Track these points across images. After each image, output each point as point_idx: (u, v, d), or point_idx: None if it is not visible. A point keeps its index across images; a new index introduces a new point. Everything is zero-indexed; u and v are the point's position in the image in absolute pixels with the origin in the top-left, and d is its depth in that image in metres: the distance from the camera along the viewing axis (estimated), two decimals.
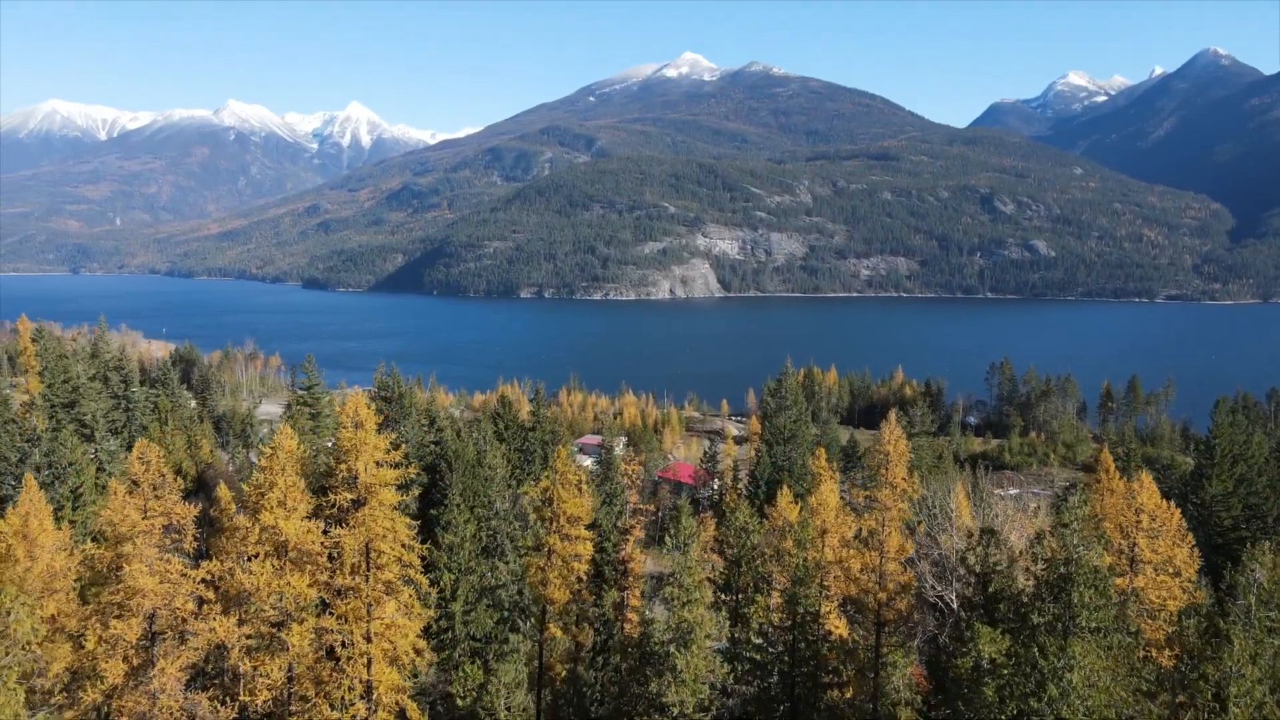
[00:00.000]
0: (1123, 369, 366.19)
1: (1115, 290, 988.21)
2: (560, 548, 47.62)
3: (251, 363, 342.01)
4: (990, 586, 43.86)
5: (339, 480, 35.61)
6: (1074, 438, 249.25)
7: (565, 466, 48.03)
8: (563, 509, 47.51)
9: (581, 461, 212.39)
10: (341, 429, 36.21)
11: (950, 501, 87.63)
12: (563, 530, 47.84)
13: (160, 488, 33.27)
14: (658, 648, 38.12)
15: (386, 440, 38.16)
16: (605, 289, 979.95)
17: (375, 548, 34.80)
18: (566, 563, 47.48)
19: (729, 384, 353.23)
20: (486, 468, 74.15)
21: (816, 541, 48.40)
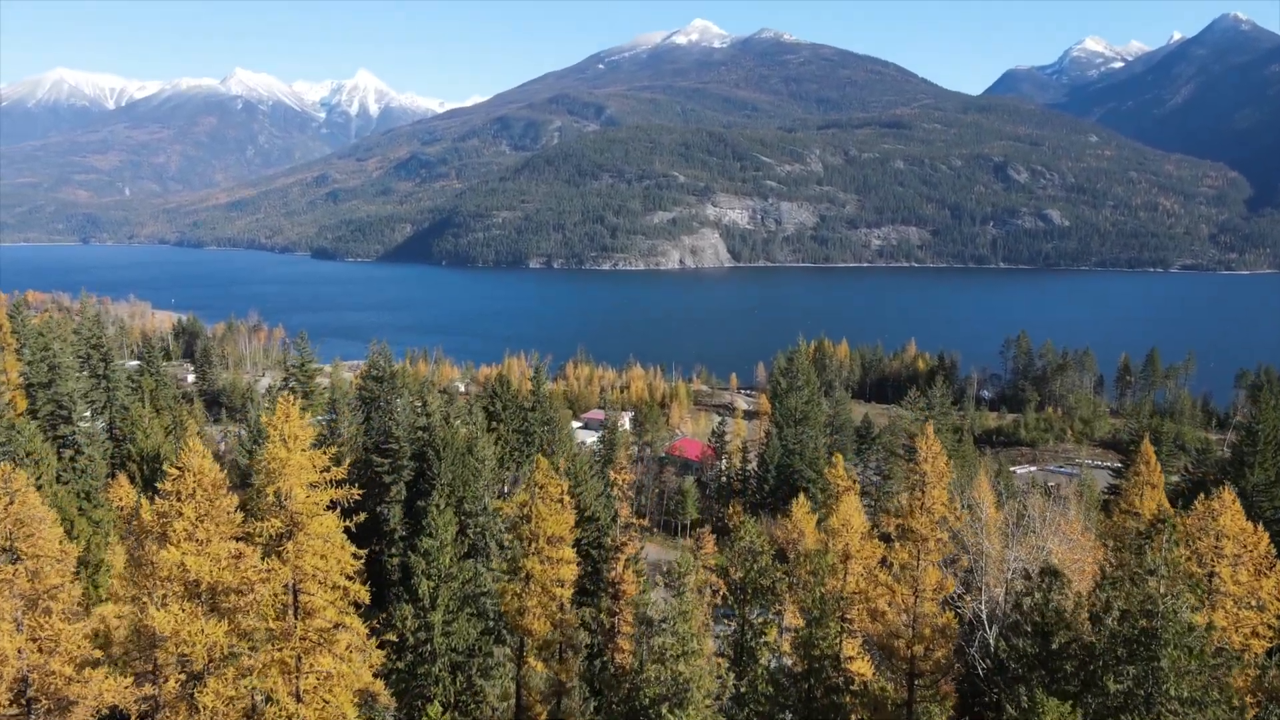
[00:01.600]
0: (1139, 341, 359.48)
1: (1130, 260, 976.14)
2: (540, 572, 42.13)
3: (255, 335, 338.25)
4: (1054, 642, 37.47)
5: (265, 505, 30.63)
6: (1092, 413, 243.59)
7: (546, 478, 42.71)
8: (542, 528, 42.11)
9: (586, 437, 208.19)
10: (268, 443, 31.25)
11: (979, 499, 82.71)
12: (542, 552, 42.47)
13: (31, 523, 27.98)
14: (648, 706, 33.31)
15: (324, 456, 33.10)
16: (614, 259, 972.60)
17: (305, 589, 29.83)
18: (547, 589, 42.33)
19: (738, 356, 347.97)
20: (475, 459, 69.44)
21: (837, 568, 42.95)
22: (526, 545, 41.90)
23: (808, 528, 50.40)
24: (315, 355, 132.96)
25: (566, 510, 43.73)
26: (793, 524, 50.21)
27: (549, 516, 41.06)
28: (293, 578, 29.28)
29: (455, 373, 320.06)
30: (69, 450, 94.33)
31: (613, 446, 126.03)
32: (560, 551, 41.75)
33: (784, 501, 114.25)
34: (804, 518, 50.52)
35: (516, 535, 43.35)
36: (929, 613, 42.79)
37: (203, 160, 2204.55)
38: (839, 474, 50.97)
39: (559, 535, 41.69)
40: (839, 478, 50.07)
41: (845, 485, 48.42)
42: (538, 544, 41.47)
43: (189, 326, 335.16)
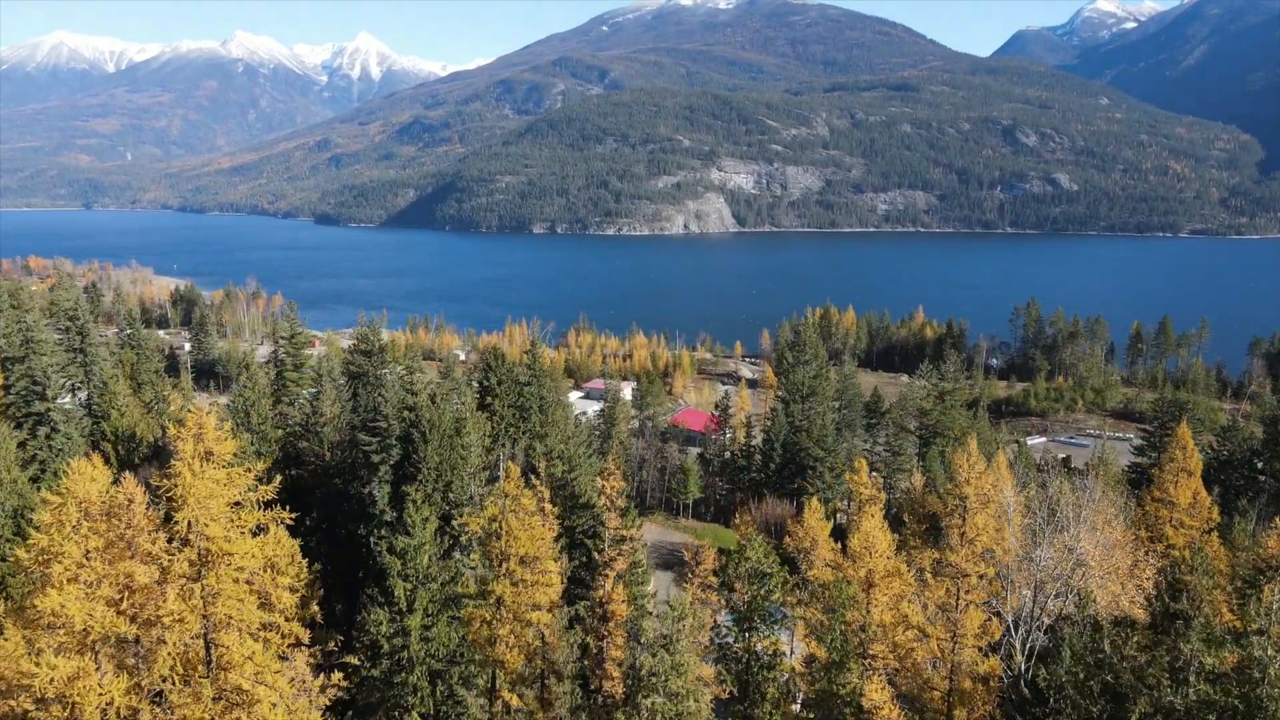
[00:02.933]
0: (1150, 307, 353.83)
1: (1138, 225, 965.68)
2: (511, 597, 37.14)
3: (254, 302, 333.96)
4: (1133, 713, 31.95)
5: (174, 536, 26.07)
6: (1103, 382, 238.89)
7: (517, 489, 37.90)
8: (514, 547, 37.23)
9: (588, 408, 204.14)
10: (175, 462, 26.79)
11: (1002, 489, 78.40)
12: (514, 574, 37.46)
13: None
14: None
15: (247, 475, 28.71)
16: (618, 224, 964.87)
17: (219, 639, 25.32)
18: (520, 616, 37.66)
19: (743, 324, 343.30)
20: (462, 446, 65.19)
21: (859, 598, 38.19)
22: (496, 566, 37.19)
23: (821, 535, 45.95)
24: (305, 325, 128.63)
25: (546, 522, 39.39)
26: (804, 531, 45.72)
27: (522, 534, 36.23)
28: (203, 626, 24.99)
29: (456, 341, 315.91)
30: (44, 428, 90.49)
31: (613, 421, 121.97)
32: (536, 573, 36.79)
33: (790, 480, 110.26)
34: (817, 524, 45.95)
35: (485, 554, 38.66)
36: (968, 660, 36.40)
37: (204, 124, 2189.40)
38: (862, 481, 46.56)
39: (534, 555, 37.00)
40: (862, 485, 45.67)
41: (868, 494, 44.06)
42: (509, 565, 36.75)
43: (186, 294, 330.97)
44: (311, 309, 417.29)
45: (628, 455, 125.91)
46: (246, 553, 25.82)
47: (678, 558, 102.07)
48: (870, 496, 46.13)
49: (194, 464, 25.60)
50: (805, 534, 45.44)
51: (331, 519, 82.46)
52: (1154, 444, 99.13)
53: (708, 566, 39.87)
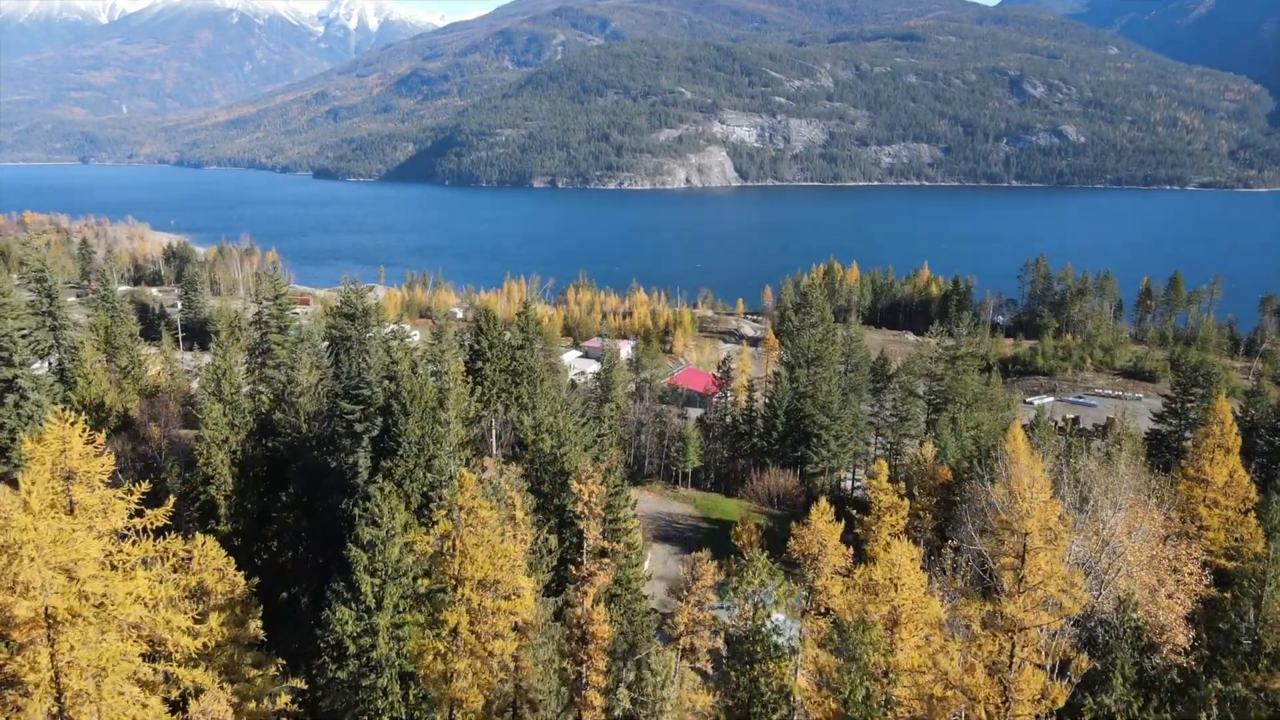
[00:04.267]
0: (1158, 262, 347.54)
1: (1145, 178, 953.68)
2: (468, 628, 31.69)
3: (248, 259, 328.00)
4: None
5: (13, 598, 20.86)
6: (1112, 340, 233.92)
7: (474, 499, 32.73)
8: (471, 570, 31.64)
9: (586, 367, 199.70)
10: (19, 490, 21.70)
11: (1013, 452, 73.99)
12: (471, 602, 32.03)
13: None
14: None
15: (122, 503, 23.86)
16: (620, 178, 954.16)
17: (77, 715, 20.75)
18: (479, 650, 32.14)
19: (745, 280, 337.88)
20: (441, 424, 60.80)
21: (879, 642, 31.91)
22: (451, 592, 32.37)
23: (830, 539, 41.53)
24: (299, 283, 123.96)
25: (517, 532, 34.97)
26: (811, 534, 41.27)
27: (480, 554, 31.33)
28: (46, 709, 20.39)
29: (453, 298, 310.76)
30: (13, 396, 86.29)
31: (609, 385, 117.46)
32: (498, 599, 32.04)
33: (793, 449, 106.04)
34: (825, 527, 41.45)
35: (437, 576, 33.72)
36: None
37: (200, 77, 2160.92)
38: (881, 486, 41.74)
39: (495, 578, 32.14)
40: (881, 491, 40.87)
41: (889, 500, 39.44)
42: (464, 590, 32.14)
43: (179, 250, 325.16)
44: (309, 265, 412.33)
45: (625, 419, 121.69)
46: (125, 596, 21.29)
47: (676, 529, 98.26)
48: (891, 504, 41.37)
49: (41, 495, 20.93)
50: (812, 537, 40.98)
51: (311, 493, 78.49)
52: (1175, 410, 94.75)
53: (706, 583, 35.57)
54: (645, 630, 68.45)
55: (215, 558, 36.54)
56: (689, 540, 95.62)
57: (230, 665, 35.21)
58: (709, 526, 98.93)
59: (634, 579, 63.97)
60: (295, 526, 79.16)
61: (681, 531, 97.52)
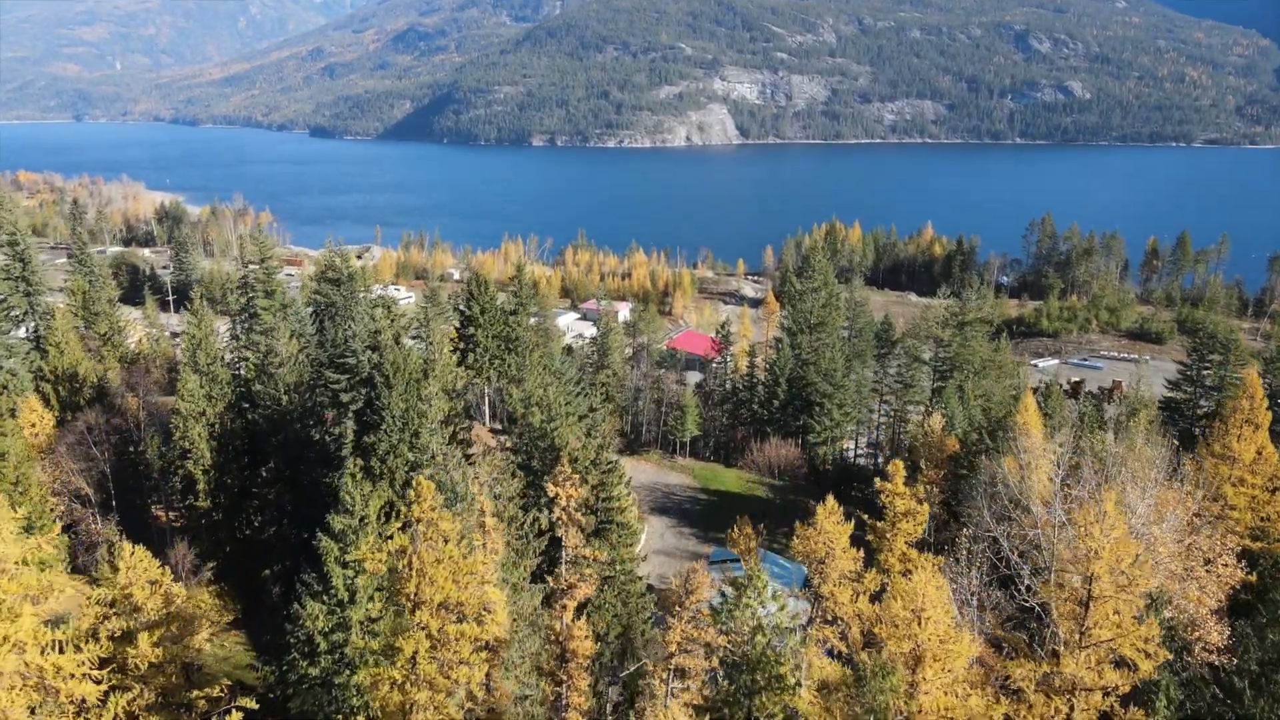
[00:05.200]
0: (1164, 221, 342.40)
1: (1151, 134, 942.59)
2: (427, 656, 27.69)
3: (241, 219, 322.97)
4: None
5: None
6: (1118, 301, 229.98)
7: (433, 509, 29.32)
8: (430, 593, 27.65)
9: (584, 330, 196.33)
10: None
11: (1025, 425, 70.83)
12: (429, 627, 27.95)
13: None
14: None
15: None
16: (620, 136, 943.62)
17: None
18: (440, 682, 28.09)
19: (745, 239, 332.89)
20: (423, 400, 57.55)
21: (899, 685, 27.37)
22: (408, 615, 29.00)
23: (838, 541, 38.30)
24: (292, 244, 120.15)
25: (488, 540, 31.69)
26: (817, 534, 38.04)
27: (439, 574, 27.81)
28: None
29: (450, 259, 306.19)
30: None
31: (605, 351, 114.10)
32: (463, 623, 28.71)
33: (795, 418, 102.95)
34: (834, 529, 38.19)
35: (392, 598, 30.12)
36: None
37: (193, 32, 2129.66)
38: (897, 489, 38.24)
39: (458, 600, 28.75)
40: (897, 494, 37.36)
41: (905, 506, 36.06)
42: (423, 615, 28.89)
43: (172, 210, 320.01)
44: (305, 225, 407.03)
45: (622, 386, 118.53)
46: None
47: (674, 501, 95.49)
48: (907, 510, 38.00)
49: None
50: (819, 540, 37.77)
51: (293, 466, 75.52)
52: (1191, 378, 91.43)
53: (701, 597, 32.43)
54: (641, 612, 65.99)
55: (146, 569, 33.41)
56: (687, 513, 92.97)
57: (169, 688, 32.27)
58: (708, 498, 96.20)
59: (628, 559, 61.25)
60: (278, 501, 76.40)
61: (679, 503, 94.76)
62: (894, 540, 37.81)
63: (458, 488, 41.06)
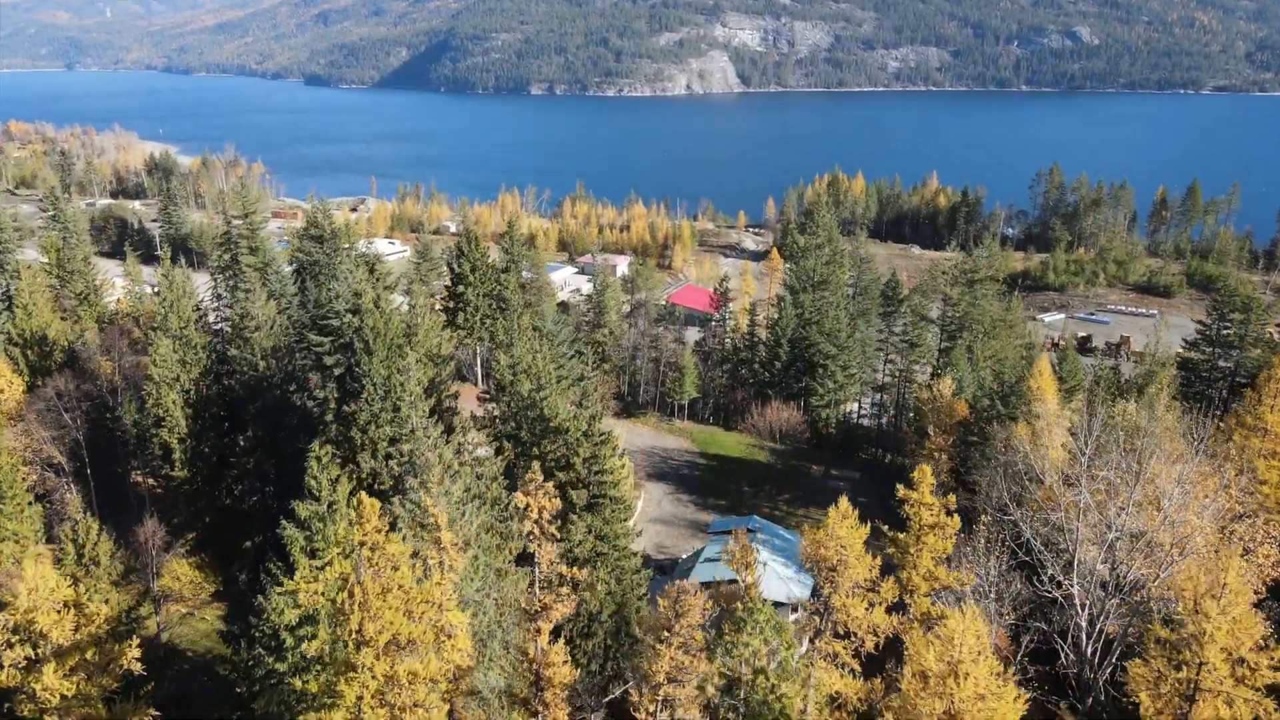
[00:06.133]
0: (1172, 170, 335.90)
1: (1159, 81, 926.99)
2: (374, 705, 24.10)
3: (232, 170, 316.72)
4: None
5: None
6: (1126, 254, 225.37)
7: (378, 532, 25.26)
8: (374, 629, 23.92)
9: (582, 284, 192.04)
10: None
11: (1040, 389, 67.43)
12: (375, 669, 24.17)
13: None
14: None
15: None
16: (619, 84, 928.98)
17: None
18: (397, 717, 24.47)
19: (747, 191, 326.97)
20: (400, 372, 53.99)
21: None
22: (353, 652, 25.24)
23: (852, 548, 34.59)
24: (266, 198, 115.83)
25: (445, 558, 28.18)
26: (828, 536, 34.32)
27: (388, 610, 23.97)
28: None
29: (446, 211, 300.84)
30: None
31: (601, 310, 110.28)
32: (416, 660, 24.70)
33: (797, 379, 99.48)
34: (848, 534, 34.42)
35: (334, 633, 26.52)
36: None
37: None
38: (924, 499, 34.24)
39: (409, 636, 25.05)
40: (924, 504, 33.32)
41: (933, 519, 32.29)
42: (366, 657, 25.09)
43: (162, 162, 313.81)
44: (300, 177, 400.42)
45: (619, 344, 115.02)
46: None
47: (672, 466, 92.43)
48: (935, 523, 34.30)
49: None
50: (831, 545, 34.15)
51: (274, 434, 72.28)
52: (1211, 338, 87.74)
53: (693, 620, 29.15)
54: (636, 589, 63.13)
55: (54, 591, 30.10)
56: (686, 479, 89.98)
57: None
58: (707, 463, 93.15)
59: (622, 535, 58.21)
60: (258, 470, 73.34)
61: (677, 469, 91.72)
62: (919, 556, 34.08)
63: (431, 470, 37.69)
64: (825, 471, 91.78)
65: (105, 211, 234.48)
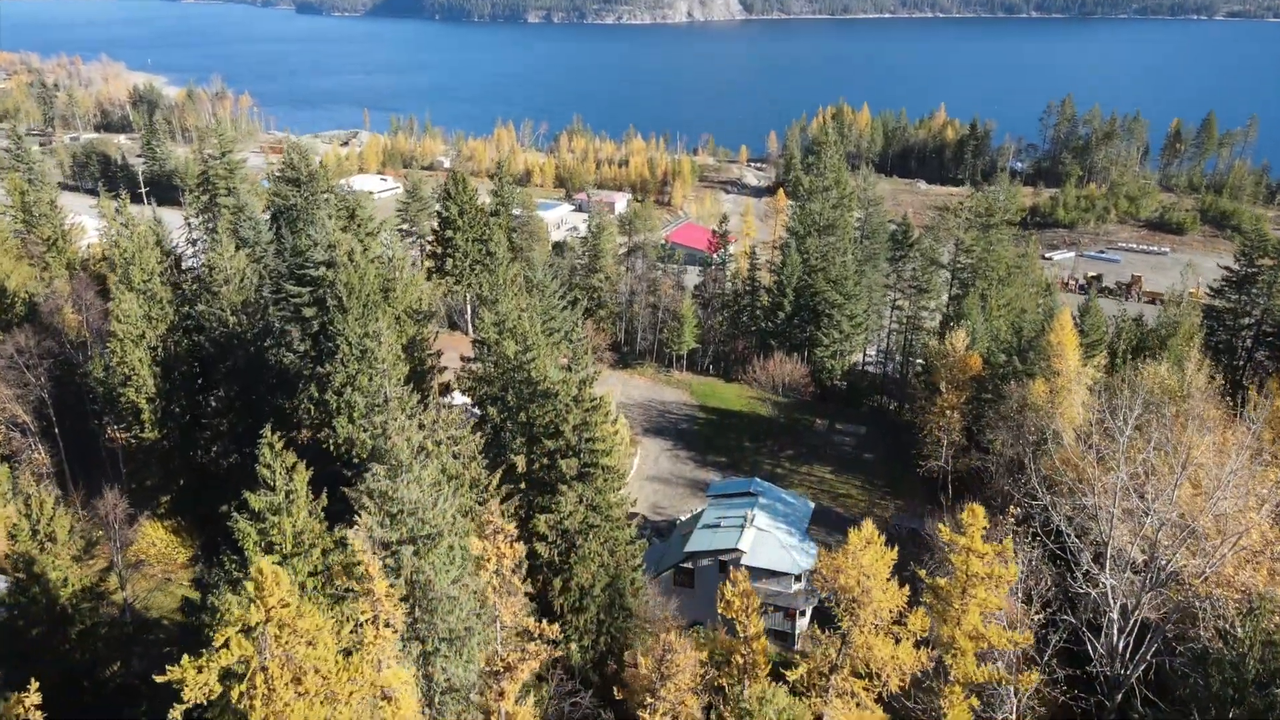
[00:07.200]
0: (1182, 101, 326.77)
1: (1172, 6, 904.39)
2: None
3: (219, 103, 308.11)
4: None
5: None
6: (1138, 189, 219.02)
7: (284, 605, 20.30)
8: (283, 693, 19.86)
9: (578, 223, 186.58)
10: None
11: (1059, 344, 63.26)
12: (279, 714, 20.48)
13: None
14: None
15: None
16: (618, 11, 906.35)
17: None
18: None
19: (749, 124, 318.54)
20: (372, 337, 49.76)
21: None
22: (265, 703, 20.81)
23: (876, 577, 30.15)
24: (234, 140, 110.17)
25: (383, 611, 24.21)
26: (848, 561, 29.74)
27: (298, 704, 19.63)
28: None
29: (440, 146, 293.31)
30: None
31: (597, 254, 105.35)
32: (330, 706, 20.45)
33: (801, 329, 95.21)
34: (871, 562, 29.90)
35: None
36: None
37: None
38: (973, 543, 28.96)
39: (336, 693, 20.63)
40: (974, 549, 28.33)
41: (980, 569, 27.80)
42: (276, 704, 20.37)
43: (146, 94, 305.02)
44: (291, 109, 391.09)
45: (615, 290, 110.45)
46: None
47: (670, 420, 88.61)
48: (988, 574, 29.54)
49: None
50: (852, 573, 29.75)
51: (247, 393, 68.35)
52: (1239, 282, 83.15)
53: (681, 684, 25.26)
54: (630, 560, 59.79)
55: None
56: (684, 434, 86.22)
57: None
58: (706, 416, 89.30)
59: (615, 504, 54.64)
60: (232, 431, 69.62)
61: (675, 423, 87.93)
62: (964, 612, 29.33)
63: (399, 454, 33.74)
64: (829, 425, 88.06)
65: (88, 147, 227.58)
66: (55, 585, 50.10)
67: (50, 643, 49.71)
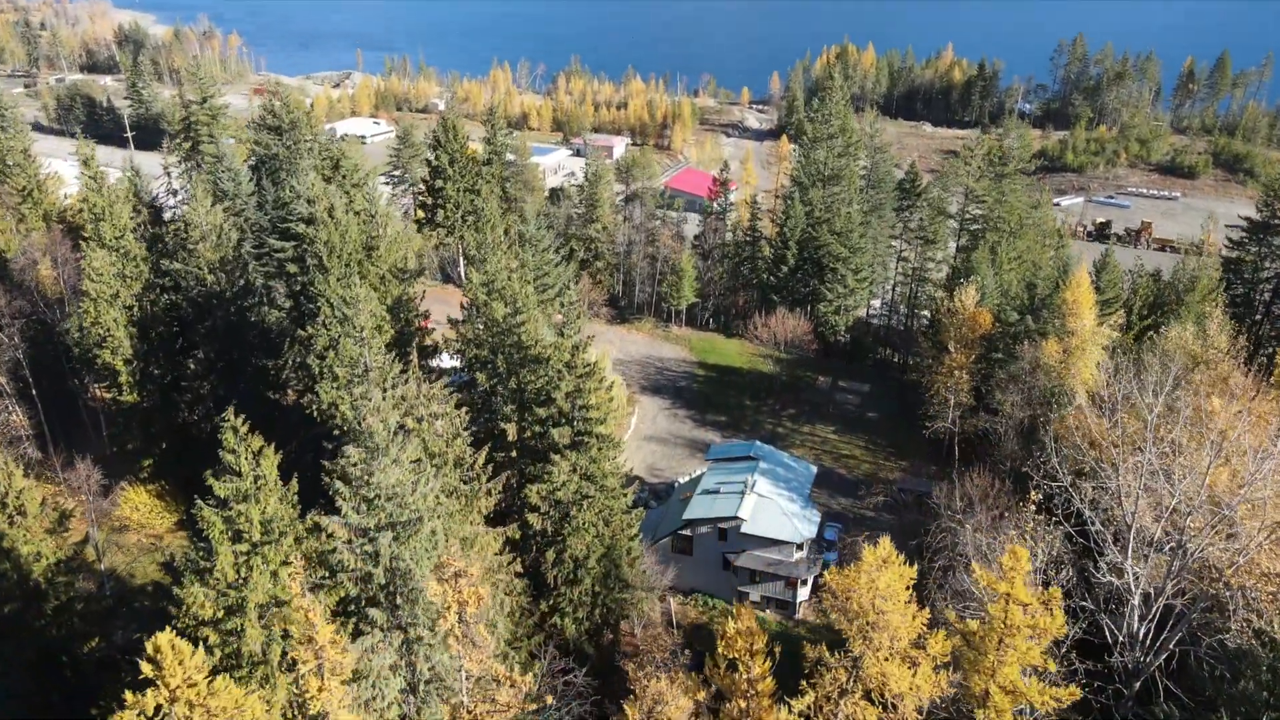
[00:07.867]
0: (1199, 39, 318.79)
1: None
2: None
3: (208, 43, 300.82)
4: None
5: None
6: (1150, 132, 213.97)
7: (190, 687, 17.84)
8: None
9: (575, 168, 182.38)
10: None
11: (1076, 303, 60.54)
12: None
13: None
14: None
15: None
16: None
17: None
18: None
19: (750, 64, 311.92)
20: (345, 301, 47.05)
21: None
22: None
23: (892, 598, 27.46)
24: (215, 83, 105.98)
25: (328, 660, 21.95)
26: (860, 577, 27.00)
27: None
28: None
29: (435, 87, 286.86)
30: None
31: (594, 204, 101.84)
32: None
33: (804, 283, 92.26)
34: (886, 583, 27.20)
35: None
36: None
37: None
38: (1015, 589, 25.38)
39: None
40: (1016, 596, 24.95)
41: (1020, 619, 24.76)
42: None
43: (131, 33, 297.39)
44: (282, 50, 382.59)
45: (613, 240, 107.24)
46: None
47: (668, 378, 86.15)
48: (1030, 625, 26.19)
49: None
50: (865, 593, 26.92)
51: (229, 354, 65.77)
52: (1259, 232, 79.91)
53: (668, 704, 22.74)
54: (626, 529, 57.70)
55: None
56: (683, 391, 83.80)
57: None
58: (706, 373, 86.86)
59: (609, 474, 52.37)
60: (213, 393, 67.19)
61: (674, 380, 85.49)
62: (1000, 665, 26.48)
63: (376, 438, 31.29)
64: (833, 383, 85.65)
65: (72, 89, 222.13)
66: (27, 560, 48.14)
67: (24, 619, 47.92)
